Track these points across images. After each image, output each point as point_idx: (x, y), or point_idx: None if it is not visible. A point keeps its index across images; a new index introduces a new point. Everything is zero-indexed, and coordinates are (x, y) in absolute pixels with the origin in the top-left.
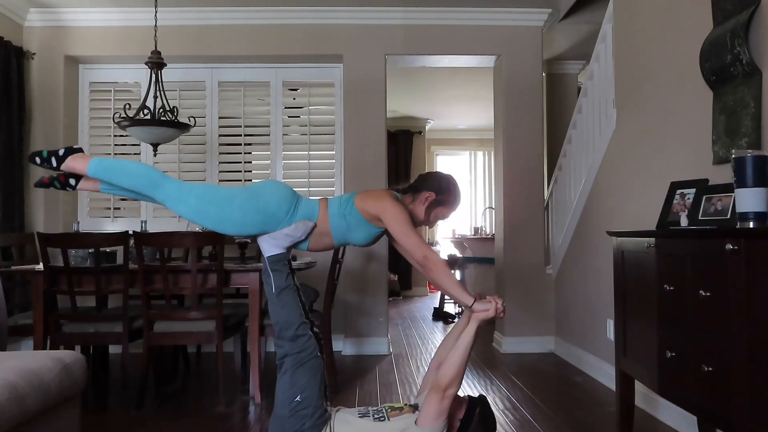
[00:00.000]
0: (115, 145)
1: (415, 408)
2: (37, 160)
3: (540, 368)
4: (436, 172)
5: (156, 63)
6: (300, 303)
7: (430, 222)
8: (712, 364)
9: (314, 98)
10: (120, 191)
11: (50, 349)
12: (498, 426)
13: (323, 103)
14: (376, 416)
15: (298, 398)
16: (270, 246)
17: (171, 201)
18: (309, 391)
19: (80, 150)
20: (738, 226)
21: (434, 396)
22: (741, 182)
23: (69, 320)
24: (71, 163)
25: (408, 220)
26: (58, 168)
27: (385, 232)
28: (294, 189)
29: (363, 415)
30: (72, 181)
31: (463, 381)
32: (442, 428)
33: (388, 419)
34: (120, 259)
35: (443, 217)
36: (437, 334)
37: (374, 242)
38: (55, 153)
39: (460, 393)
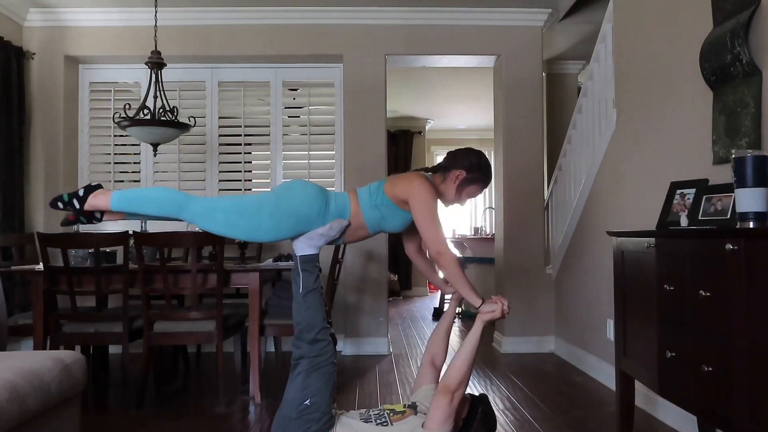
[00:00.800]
0: (115, 145)
1: (414, 408)
2: (60, 205)
3: (540, 368)
4: (467, 148)
5: (156, 63)
6: (323, 306)
7: (461, 200)
8: (712, 364)
9: (314, 98)
10: (146, 216)
11: (50, 349)
12: (498, 426)
13: (323, 103)
14: (378, 421)
15: (307, 402)
16: (303, 246)
17: (199, 219)
18: (319, 396)
19: (99, 186)
20: (738, 226)
21: (442, 398)
22: (741, 182)
23: (69, 320)
24: (93, 201)
25: (433, 209)
26: (81, 210)
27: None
28: (320, 185)
29: (366, 420)
30: (97, 215)
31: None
32: (450, 430)
33: (391, 424)
34: (120, 259)
35: (474, 194)
36: None
37: (413, 226)
38: (75, 195)
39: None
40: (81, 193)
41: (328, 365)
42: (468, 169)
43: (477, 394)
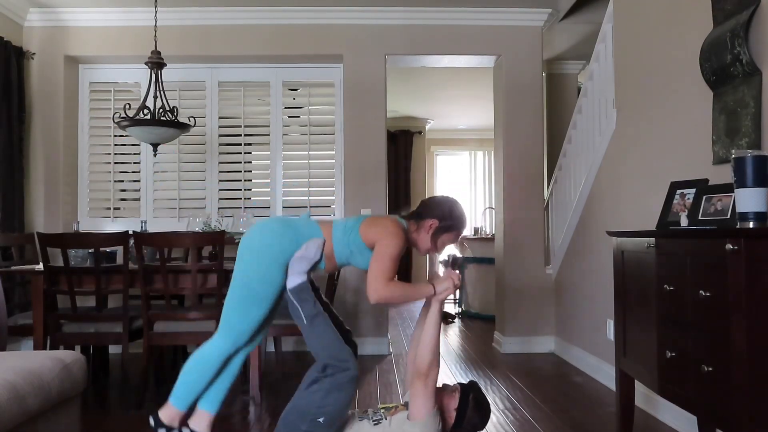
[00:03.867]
0: (115, 145)
1: (407, 406)
2: None
3: (540, 368)
4: (438, 196)
5: (156, 63)
6: (332, 327)
7: (438, 249)
8: (712, 364)
9: (314, 98)
10: (220, 384)
11: (50, 349)
12: (498, 426)
13: (323, 103)
14: (374, 418)
15: (321, 419)
16: (290, 279)
17: (232, 340)
18: (335, 415)
19: (157, 415)
20: (738, 226)
21: (418, 383)
22: (741, 182)
23: (69, 320)
24: (164, 415)
25: (392, 264)
26: (169, 428)
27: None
28: (282, 217)
29: (361, 418)
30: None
31: (463, 380)
32: (435, 417)
33: (385, 418)
34: (120, 259)
35: (450, 242)
36: None
37: None
38: (157, 424)
39: (450, 382)
40: (153, 423)
41: (349, 383)
42: (441, 218)
43: (466, 382)
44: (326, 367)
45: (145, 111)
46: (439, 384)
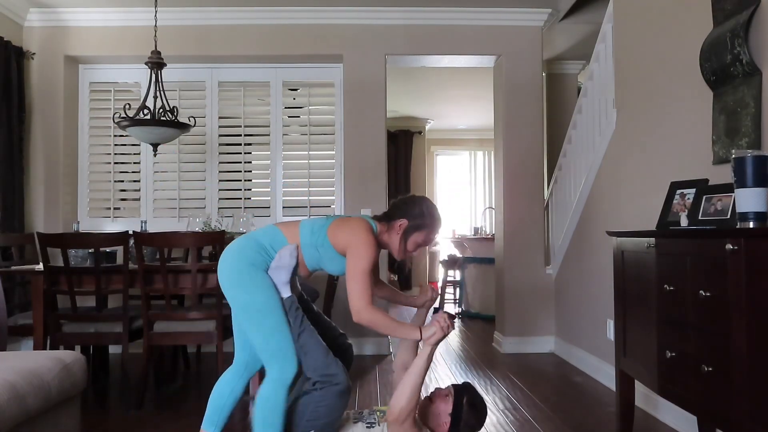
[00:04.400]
0: (115, 145)
1: None
2: None
3: (540, 368)
4: (409, 196)
5: (156, 63)
6: (320, 342)
7: (409, 252)
8: (712, 364)
9: (314, 98)
10: (227, 408)
11: (50, 349)
12: (498, 426)
13: (323, 103)
14: (368, 421)
15: None
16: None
17: (281, 364)
18: (328, 428)
19: None
20: (738, 226)
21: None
22: (741, 182)
23: (69, 320)
24: None
25: (366, 269)
26: None
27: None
28: (244, 234)
29: (355, 420)
30: None
31: (463, 380)
32: None
33: (379, 424)
34: (120, 259)
35: (424, 243)
36: None
37: None
38: None
39: (449, 382)
40: None
41: (338, 398)
42: (410, 216)
43: (459, 383)
44: (315, 382)
45: (145, 111)
46: (433, 387)
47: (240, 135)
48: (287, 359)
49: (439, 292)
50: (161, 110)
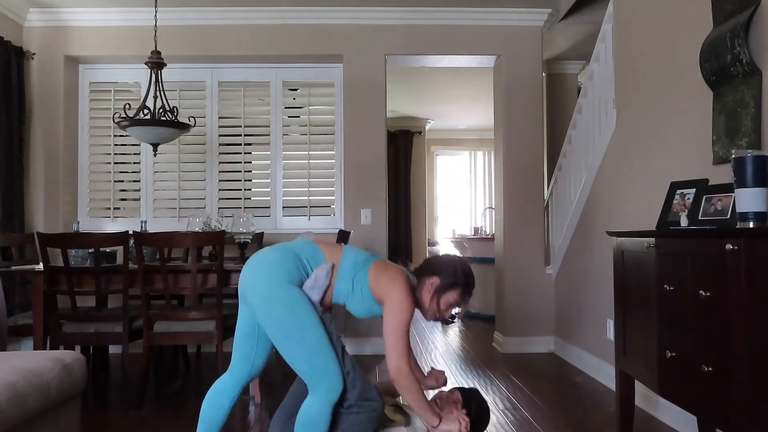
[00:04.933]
0: (115, 145)
1: (405, 416)
2: None
3: (540, 368)
4: (442, 254)
5: (156, 63)
6: (356, 366)
7: (441, 312)
8: (712, 364)
9: (314, 98)
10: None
11: (50, 349)
12: (498, 426)
13: (323, 103)
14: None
15: None
16: None
17: (327, 382)
18: None
19: None
20: (738, 226)
21: None
22: (741, 182)
23: (69, 320)
24: None
25: (405, 325)
26: None
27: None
28: (279, 244)
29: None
30: None
31: (463, 381)
32: None
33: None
34: (120, 259)
35: (456, 303)
36: (436, 333)
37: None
38: None
39: (445, 388)
40: None
41: (373, 419)
42: (443, 275)
43: (466, 387)
44: (351, 405)
45: (145, 111)
46: (436, 391)
47: (240, 135)
48: (334, 377)
49: (446, 378)
50: (161, 110)
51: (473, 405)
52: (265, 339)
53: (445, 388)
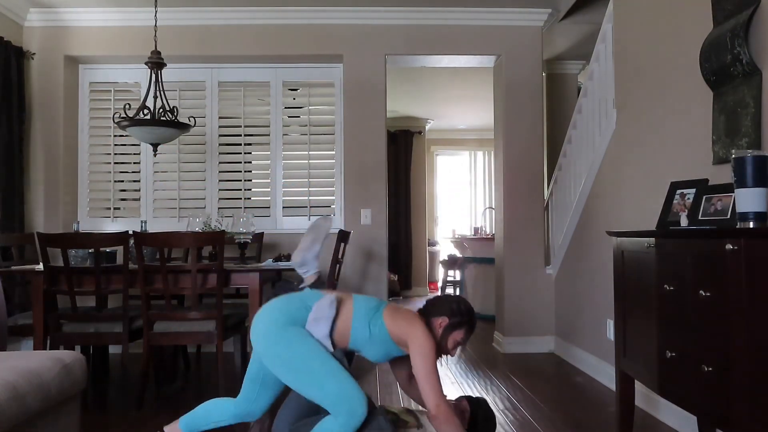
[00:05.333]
0: (115, 145)
1: (416, 419)
2: None
3: (540, 368)
4: (444, 295)
5: (156, 63)
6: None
7: (449, 349)
8: (712, 364)
9: (314, 98)
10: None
11: (50, 349)
12: (498, 426)
13: (323, 103)
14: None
15: None
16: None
17: (349, 406)
18: None
19: None
20: (738, 226)
21: None
22: (741, 182)
23: (69, 320)
24: None
25: (435, 362)
26: None
27: (404, 356)
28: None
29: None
30: None
31: (463, 381)
32: None
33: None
34: (120, 259)
35: (461, 342)
36: None
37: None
38: None
39: (452, 397)
40: None
41: None
42: (450, 314)
43: (474, 396)
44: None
45: (145, 111)
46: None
47: (240, 135)
48: (354, 400)
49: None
50: (161, 110)
51: (480, 414)
52: (268, 387)
53: (453, 396)
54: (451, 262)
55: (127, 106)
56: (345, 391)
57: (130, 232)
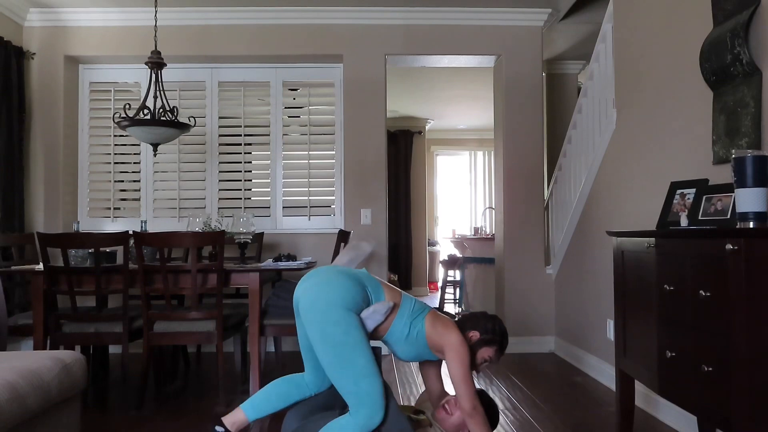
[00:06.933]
0: (115, 145)
1: (429, 420)
2: None
3: (540, 368)
4: (481, 311)
5: (156, 63)
6: (394, 400)
7: (476, 364)
8: (712, 364)
9: (314, 98)
10: (271, 404)
11: (50, 349)
12: (498, 426)
13: (323, 103)
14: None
15: None
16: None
17: (371, 403)
18: None
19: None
20: (738, 226)
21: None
22: (741, 182)
23: (69, 320)
24: (232, 420)
25: (469, 369)
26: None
27: (435, 359)
28: (337, 269)
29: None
30: None
31: None
32: None
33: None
34: (120, 259)
35: (491, 360)
36: None
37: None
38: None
39: (454, 392)
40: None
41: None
42: (482, 330)
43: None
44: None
45: (145, 111)
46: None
47: (240, 135)
48: (377, 406)
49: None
50: (161, 110)
51: (483, 401)
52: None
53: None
54: (451, 262)
55: (127, 106)
56: (374, 395)
57: (130, 232)
